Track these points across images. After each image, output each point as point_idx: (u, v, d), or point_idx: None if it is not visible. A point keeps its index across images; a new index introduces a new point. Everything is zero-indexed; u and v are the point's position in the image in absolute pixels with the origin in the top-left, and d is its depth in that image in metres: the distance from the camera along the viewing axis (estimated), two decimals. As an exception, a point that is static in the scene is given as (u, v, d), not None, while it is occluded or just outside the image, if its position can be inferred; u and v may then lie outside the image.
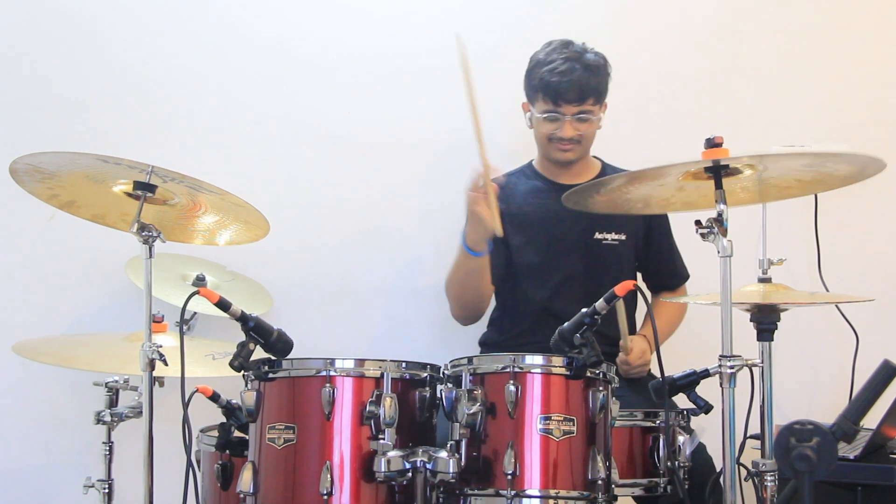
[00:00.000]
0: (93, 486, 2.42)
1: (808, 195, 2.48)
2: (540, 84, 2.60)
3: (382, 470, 1.84)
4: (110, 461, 2.44)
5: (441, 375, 2.01)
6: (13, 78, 2.93)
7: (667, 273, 2.80)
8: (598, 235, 2.68)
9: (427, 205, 2.98)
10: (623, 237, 2.69)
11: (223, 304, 1.97)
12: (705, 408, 2.03)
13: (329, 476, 1.83)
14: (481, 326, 2.84)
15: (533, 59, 2.66)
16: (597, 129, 2.66)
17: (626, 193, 2.19)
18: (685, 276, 2.84)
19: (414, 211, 3.03)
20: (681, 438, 2.05)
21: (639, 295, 2.02)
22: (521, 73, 2.69)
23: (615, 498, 1.92)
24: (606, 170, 2.77)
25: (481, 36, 3.07)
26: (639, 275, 2.79)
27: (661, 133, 3.09)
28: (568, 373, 1.88)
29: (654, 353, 1.96)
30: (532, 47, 2.70)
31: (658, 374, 1.98)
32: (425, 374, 1.98)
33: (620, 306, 2.34)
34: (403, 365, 1.95)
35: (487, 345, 2.77)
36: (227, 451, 2.08)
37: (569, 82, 2.55)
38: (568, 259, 2.67)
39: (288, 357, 1.98)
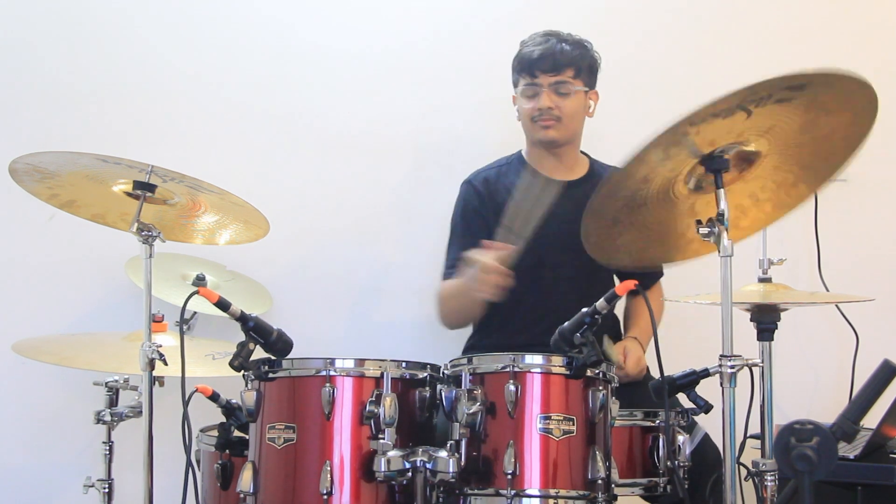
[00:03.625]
0: (93, 486, 2.42)
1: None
2: (519, 62, 2.64)
3: (382, 470, 1.84)
4: (110, 461, 2.44)
5: (441, 375, 2.01)
6: (13, 77, 2.93)
7: (638, 273, 2.70)
8: None
9: (427, 204, 2.98)
10: None
11: (223, 304, 1.97)
12: (705, 407, 2.02)
13: (329, 476, 1.83)
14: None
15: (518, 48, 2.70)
16: (581, 113, 2.64)
17: None
18: (657, 275, 2.80)
19: (414, 210, 3.03)
20: (680, 438, 2.05)
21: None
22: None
23: (615, 498, 1.92)
24: (594, 166, 2.75)
25: (477, 33, 3.09)
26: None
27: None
28: (568, 372, 1.87)
29: (655, 354, 1.95)
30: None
31: (657, 375, 1.98)
32: (425, 374, 1.98)
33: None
34: (403, 365, 1.94)
35: (476, 347, 2.71)
36: (227, 451, 2.08)
37: (543, 50, 2.59)
38: (559, 258, 2.61)
39: (288, 357, 1.97)
